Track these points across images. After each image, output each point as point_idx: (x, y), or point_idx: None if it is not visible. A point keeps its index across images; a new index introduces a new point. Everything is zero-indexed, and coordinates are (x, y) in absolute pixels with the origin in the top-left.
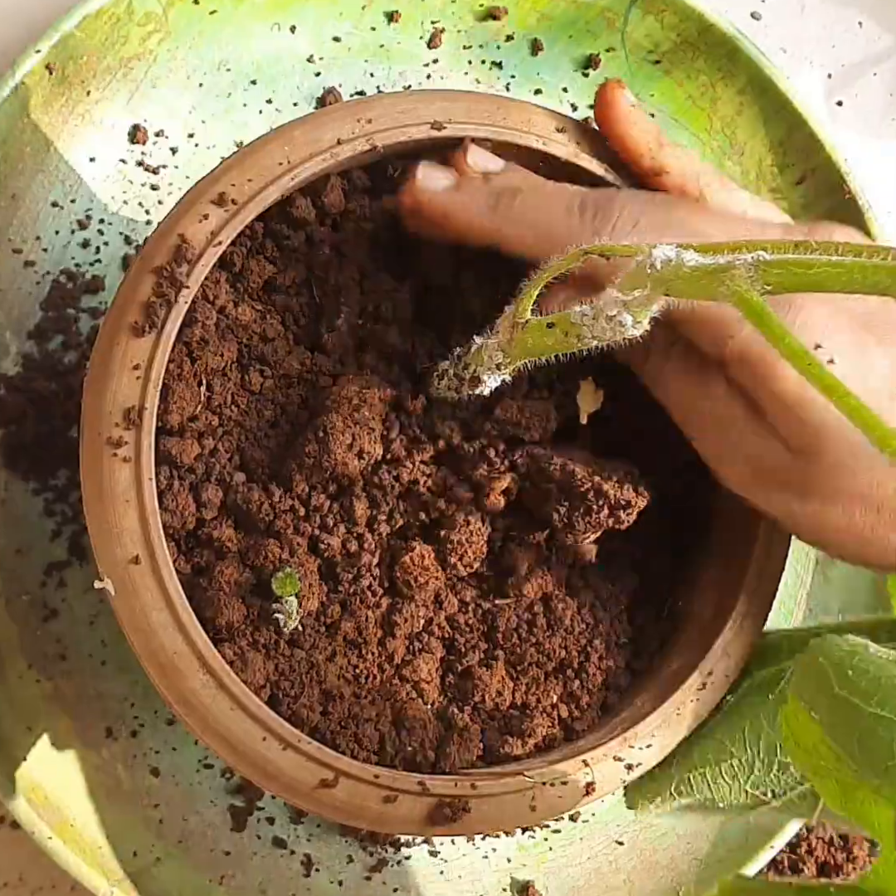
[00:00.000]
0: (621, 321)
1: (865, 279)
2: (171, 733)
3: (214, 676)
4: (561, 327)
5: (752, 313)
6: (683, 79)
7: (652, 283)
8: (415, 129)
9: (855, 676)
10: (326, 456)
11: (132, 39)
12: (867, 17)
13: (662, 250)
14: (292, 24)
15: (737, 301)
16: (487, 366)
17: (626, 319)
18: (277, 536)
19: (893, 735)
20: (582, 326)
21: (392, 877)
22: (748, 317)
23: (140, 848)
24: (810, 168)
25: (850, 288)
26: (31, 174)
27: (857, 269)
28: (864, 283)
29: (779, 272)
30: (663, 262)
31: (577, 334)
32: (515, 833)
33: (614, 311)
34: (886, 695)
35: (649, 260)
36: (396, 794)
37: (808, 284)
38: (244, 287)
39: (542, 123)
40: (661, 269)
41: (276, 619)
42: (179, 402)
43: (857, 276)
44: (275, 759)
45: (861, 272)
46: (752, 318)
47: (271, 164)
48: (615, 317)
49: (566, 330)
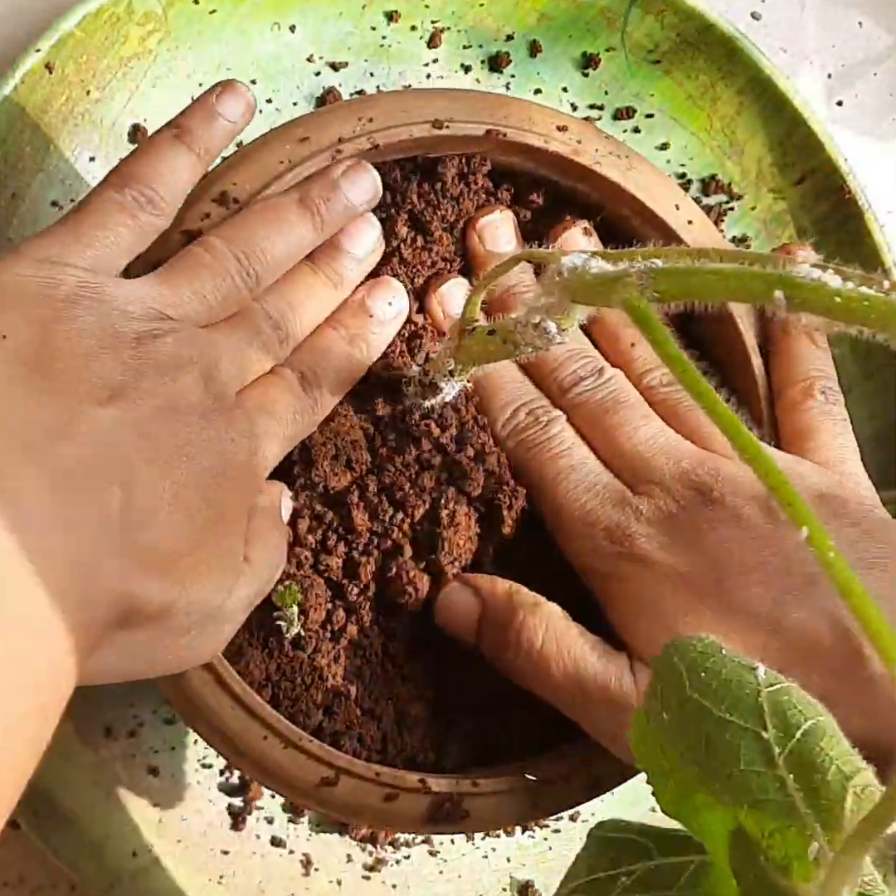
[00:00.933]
0: (546, 328)
1: (743, 286)
2: (171, 733)
3: (216, 675)
4: (500, 334)
5: (638, 319)
6: (683, 78)
7: (559, 290)
8: (416, 127)
9: (707, 679)
10: (314, 471)
11: (132, 39)
12: (867, 17)
13: (571, 258)
14: (292, 24)
15: (626, 308)
16: (442, 372)
17: (549, 326)
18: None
19: (739, 741)
20: (516, 334)
21: (391, 876)
22: (634, 322)
23: (139, 847)
24: (810, 168)
25: (730, 295)
26: (31, 173)
27: (734, 277)
28: (742, 290)
29: (666, 280)
30: (569, 269)
31: (514, 341)
32: (515, 833)
33: (537, 319)
34: (736, 700)
35: (557, 267)
36: (398, 792)
37: (692, 292)
38: None
39: (543, 122)
40: (567, 276)
41: (279, 627)
42: None
43: (734, 283)
44: (276, 757)
45: (738, 279)
46: (639, 324)
47: (272, 162)
48: (539, 324)
49: (505, 337)
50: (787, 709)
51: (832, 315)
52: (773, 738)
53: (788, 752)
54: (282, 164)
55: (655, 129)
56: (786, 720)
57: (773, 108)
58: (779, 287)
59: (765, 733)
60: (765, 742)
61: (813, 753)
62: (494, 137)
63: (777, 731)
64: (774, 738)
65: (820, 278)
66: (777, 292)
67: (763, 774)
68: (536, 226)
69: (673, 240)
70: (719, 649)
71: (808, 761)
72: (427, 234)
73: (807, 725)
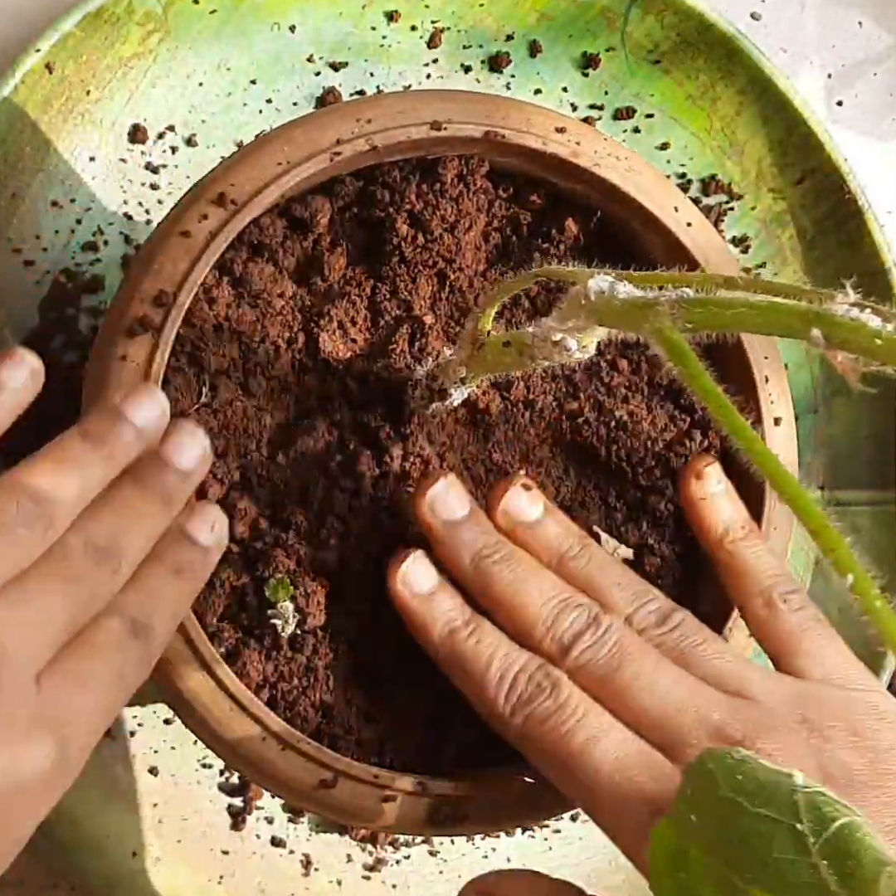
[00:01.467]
0: (566, 346)
1: (779, 321)
2: (170, 733)
3: (213, 676)
4: (516, 347)
5: (672, 350)
6: (683, 78)
7: (585, 313)
8: (414, 129)
9: (743, 780)
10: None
11: (132, 39)
12: (867, 17)
13: (597, 281)
14: (292, 24)
15: (658, 338)
16: (453, 379)
17: (570, 344)
18: (284, 548)
19: (774, 832)
20: (534, 347)
21: (391, 876)
22: (668, 354)
23: (139, 847)
24: (810, 168)
25: (765, 329)
26: (32, 173)
27: (770, 311)
28: (778, 324)
29: (700, 311)
30: (596, 293)
31: (531, 354)
32: (515, 833)
33: (558, 337)
34: (771, 797)
35: (584, 291)
36: (396, 794)
37: (726, 324)
38: (245, 288)
39: (542, 123)
40: (594, 300)
41: (273, 625)
42: (178, 402)
43: (770, 318)
44: (274, 759)
45: (774, 314)
46: (672, 356)
47: (271, 163)
48: (560, 342)
49: (520, 349)
50: (823, 805)
51: (872, 356)
52: (808, 829)
53: (823, 842)
54: (280, 166)
55: (655, 129)
56: (821, 815)
57: (773, 108)
58: (817, 325)
59: (799, 825)
60: (799, 833)
61: (848, 842)
62: (493, 139)
63: (812, 823)
64: (809, 829)
65: (859, 318)
66: (815, 331)
67: (797, 862)
68: (537, 227)
69: (672, 242)
70: (755, 759)
71: (843, 849)
72: (427, 232)
73: (842, 820)
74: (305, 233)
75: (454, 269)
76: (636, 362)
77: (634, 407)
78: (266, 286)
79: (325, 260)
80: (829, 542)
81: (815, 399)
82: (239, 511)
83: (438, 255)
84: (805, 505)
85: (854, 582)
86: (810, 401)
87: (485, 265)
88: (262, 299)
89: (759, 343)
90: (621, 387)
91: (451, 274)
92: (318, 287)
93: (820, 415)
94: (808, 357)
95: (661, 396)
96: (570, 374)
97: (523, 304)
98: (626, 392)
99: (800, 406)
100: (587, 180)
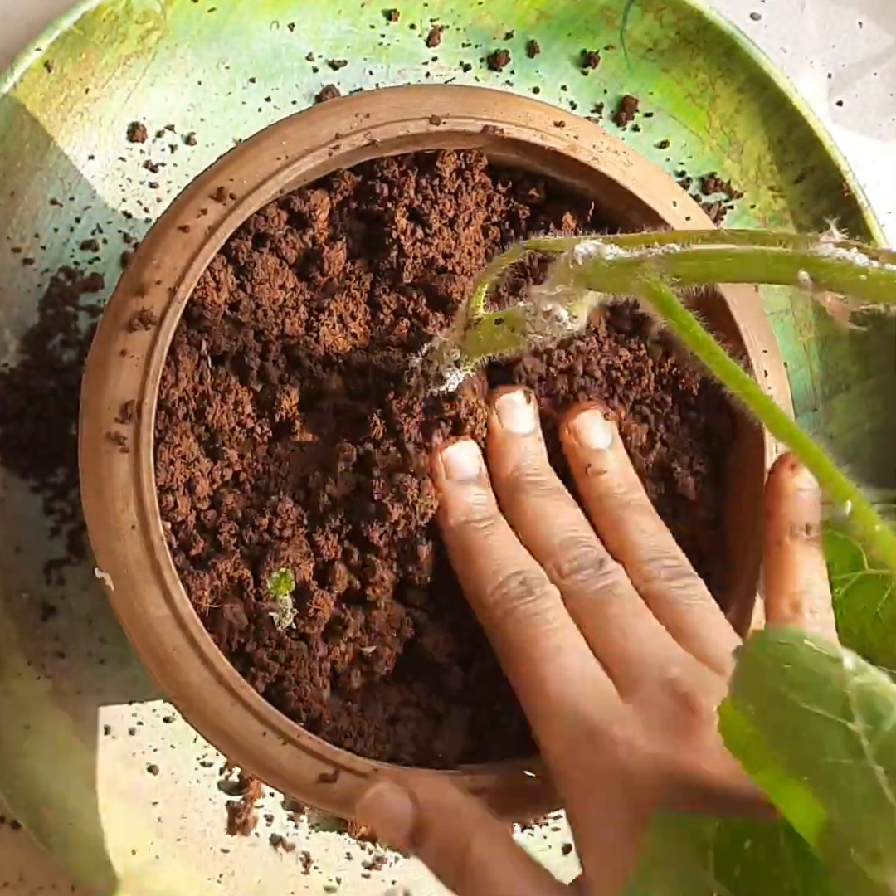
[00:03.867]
0: (557, 316)
1: (766, 267)
2: (170, 731)
3: (214, 671)
4: (508, 323)
5: (661, 305)
6: (682, 77)
7: (574, 278)
8: (413, 123)
9: (792, 671)
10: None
11: (131, 37)
12: (867, 17)
13: (584, 245)
14: (291, 22)
15: (647, 293)
16: (447, 363)
17: (561, 314)
18: (285, 539)
19: (824, 733)
20: (525, 322)
21: (391, 874)
22: (657, 309)
23: (139, 846)
24: (809, 166)
25: (753, 277)
26: (30, 172)
27: (757, 258)
28: (765, 270)
29: (687, 263)
30: (584, 256)
31: (523, 329)
32: (515, 830)
33: (549, 307)
34: (821, 691)
35: (572, 255)
36: None
37: (714, 274)
38: (248, 277)
39: (540, 117)
40: (581, 264)
41: (271, 618)
42: (180, 396)
43: (757, 265)
44: (274, 753)
45: (762, 260)
46: (661, 310)
47: (269, 158)
48: (551, 312)
49: (513, 325)
50: (875, 700)
51: (860, 294)
52: (861, 730)
53: (878, 743)
54: (279, 161)
55: (655, 127)
56: (874, 712)
57: (773, 106)
58: (803, 267)
59: (851, 725)
60: (851, 733)
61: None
62: (491, 133)
63: (865, 722)
64: (862, 730)
65: (845, 257)
66: (802, 273)
67: (852, 767)
68: (535, 221)
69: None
70: (802, 640)
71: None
72: (426, 226)
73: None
74: (305, 227)
75: (453, 264)
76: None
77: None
78: (269, 277)
79: (324, 254)
80: (825, 473)
81: (814, 397)
82: (238, 504)
83: (438, 251)
84: (801, 441)
85: (853, 508)
86: (809, 399)
87: (484, 259)
88: (265, 291)
89: (758, 337)
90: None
91: (450, 268)
92: (318, 281)
93: (819, 413)
94: (807, 355)
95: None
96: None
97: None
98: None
99: (799, 404)
100: (585, 174)
